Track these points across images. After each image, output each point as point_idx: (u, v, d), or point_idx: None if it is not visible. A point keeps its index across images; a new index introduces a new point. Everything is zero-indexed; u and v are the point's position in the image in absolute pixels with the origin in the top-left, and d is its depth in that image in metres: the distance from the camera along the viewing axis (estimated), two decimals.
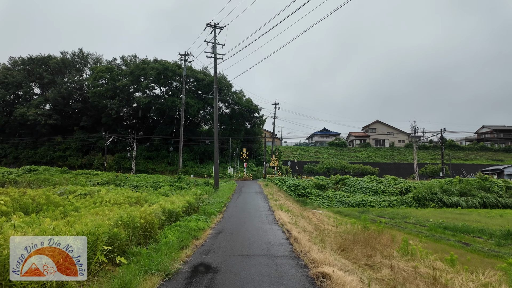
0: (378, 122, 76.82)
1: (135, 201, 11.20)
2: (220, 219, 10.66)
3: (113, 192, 12.54)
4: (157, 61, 50.10)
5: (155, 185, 28.18)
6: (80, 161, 51.81)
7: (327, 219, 18.39)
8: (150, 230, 6.73)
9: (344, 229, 13.93)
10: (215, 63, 24.13)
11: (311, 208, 25.74)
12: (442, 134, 41.00)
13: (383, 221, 18.48)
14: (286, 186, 32.91)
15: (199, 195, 13.62)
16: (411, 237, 12.73)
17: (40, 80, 54.06)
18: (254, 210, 13.07)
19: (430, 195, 29.77)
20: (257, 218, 11.08)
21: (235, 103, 53.31)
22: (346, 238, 10.43)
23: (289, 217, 11.66)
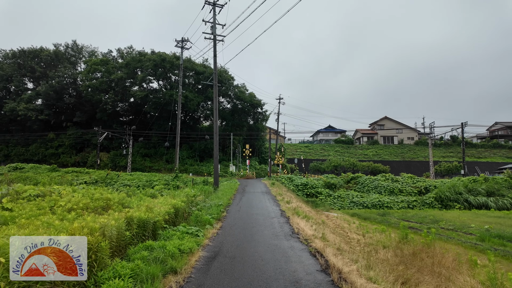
0: (387, 118, 73.56)
1: (104, 205, 8.30)
2: (217, 231, 7.70)
3: (81, 193, 9.62)
4: (155, 53, 47.16)
5: (148, 184, 25.35)
6: (74, 158, 49.02)
7: (347, 224, 15.42)
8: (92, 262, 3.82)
9: (375, 240, 10.95)
10: (215, 45, 21.14)
11: (324, 210, 22.82)
12: (463, 128, 37.76)
13: (403, 224, 15.43)
14: (293, 185, 30.03)
15: (192, 197, 10.64)
16: (470, 251, 9.78)
17: (32, 73, 51.23)
18: (263, 217, 10.09)
19: (454, 195, 26.84)
20: (269, 229, 8.11)
21: (237, 98, 50.33)
22: (393, 261, 7.47)
23: (310, 226, 8.69)
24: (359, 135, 75.22)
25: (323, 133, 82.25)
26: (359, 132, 75.23)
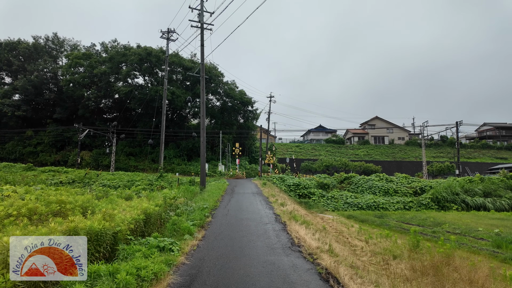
0: (378, 118, 73.07)
1: (56, 210, 6.63)
2: (198, 242, 6.13)
3: (34, 195, 7.89)
4: (140, 47, 45.02)
5: (130, 184, 23.49)
6: (54, 157, 46.33)
7: (345, 228, 14.01)
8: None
9: (382, 247, 9.54)
10: (202, 34, 19.49)
11: (318, 212, 21.46)
12: (458, 127, 37.09)
13: (414, 229, 14.17)
14: (285, 185, 28.64)
15: (171, 199, 9.03)
16: (493, 261, 8.52)
17: (9, 67, 48.30)
18: (254, 222, 8.57)
19: (451, 195, 26.00)
20: (263, 239, 6.59)
21: (226, 95, 48.60)
22: (412, 276, 6.08)
23: (312, 234, 7.22)
24: (350, 135, 74.51)
25: (314, 133, 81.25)
26: (350, 132, 74.52)
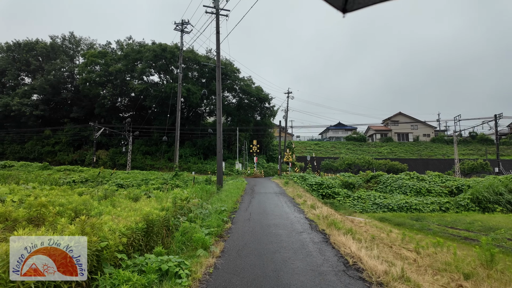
0: (401, 114, 69.55)
1: (35, 214, 5.20)
2: (215, 262, 4.47)
3: (18, 195, 6.51)
4: (155, 43, 44.16)
5: (144, 183, 22.32)
6: (71, 156, 46.29)
7: (384, 234, 11.99)
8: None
9: (440, 260, 7.60)
10: (217, 20, 17.91)
11: (346, 214, 19.48)
12: (497, 121, 33.78)
13: (485, 240, 11.83)
14: (307, 184, 26.72)
15: (183, 200, 7.45)
16: None
17: (27, 67, 48.65)
18: (285, 231, 6.84)
19: (493, 196, 23.33)
20: (302, 256, 4.87)
21: (243, 92, 47.05)
22: None
23: (366, 249, 5.41)
24: (371, 132, 71.35)
25: (333, 131, 78.51)
26: (371, 129, 71.36)
